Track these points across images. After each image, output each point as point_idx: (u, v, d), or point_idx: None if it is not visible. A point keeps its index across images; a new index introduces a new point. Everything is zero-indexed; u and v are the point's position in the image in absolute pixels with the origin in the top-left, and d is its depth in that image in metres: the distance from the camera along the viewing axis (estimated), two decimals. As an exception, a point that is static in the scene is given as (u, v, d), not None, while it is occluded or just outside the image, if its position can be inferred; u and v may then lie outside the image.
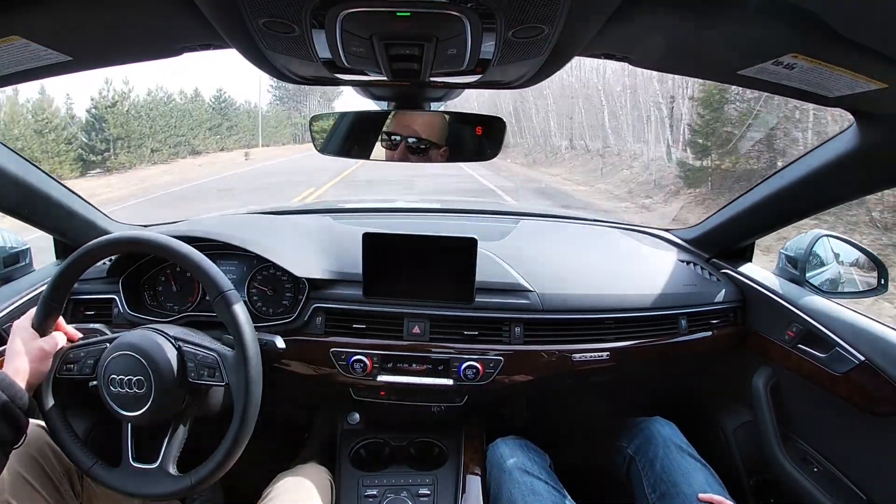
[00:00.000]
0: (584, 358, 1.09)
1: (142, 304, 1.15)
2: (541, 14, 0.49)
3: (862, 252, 1.13)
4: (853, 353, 0.96)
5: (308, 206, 1.59)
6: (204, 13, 0.52)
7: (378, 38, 0.54)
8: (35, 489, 0.81)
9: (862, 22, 0.52)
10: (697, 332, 1.17)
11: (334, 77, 0.69)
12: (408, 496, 1.04)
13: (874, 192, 1.04)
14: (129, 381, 0.83)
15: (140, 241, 0.90)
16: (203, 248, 0.94)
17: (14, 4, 0.51)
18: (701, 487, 0.93)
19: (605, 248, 1.35)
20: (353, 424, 1.22)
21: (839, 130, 0.88)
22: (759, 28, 0.56)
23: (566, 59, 0.64)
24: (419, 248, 1.05)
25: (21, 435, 0.75)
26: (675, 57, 0.70)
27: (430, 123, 0.89)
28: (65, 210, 1.14)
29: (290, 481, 0.95)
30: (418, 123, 0.88)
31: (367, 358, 1.07)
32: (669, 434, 1.06)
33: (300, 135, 34.29)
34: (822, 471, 1.05)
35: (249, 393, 0.82)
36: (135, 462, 0.86)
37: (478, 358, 1.07)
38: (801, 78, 0.65)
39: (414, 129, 0.88)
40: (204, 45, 0.68)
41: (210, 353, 0.86)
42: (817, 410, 1.10)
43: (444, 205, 1.62)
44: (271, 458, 1.13)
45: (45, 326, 0.86)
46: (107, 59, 0.73)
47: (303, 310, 1.09)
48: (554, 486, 0.97)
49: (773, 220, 1.16)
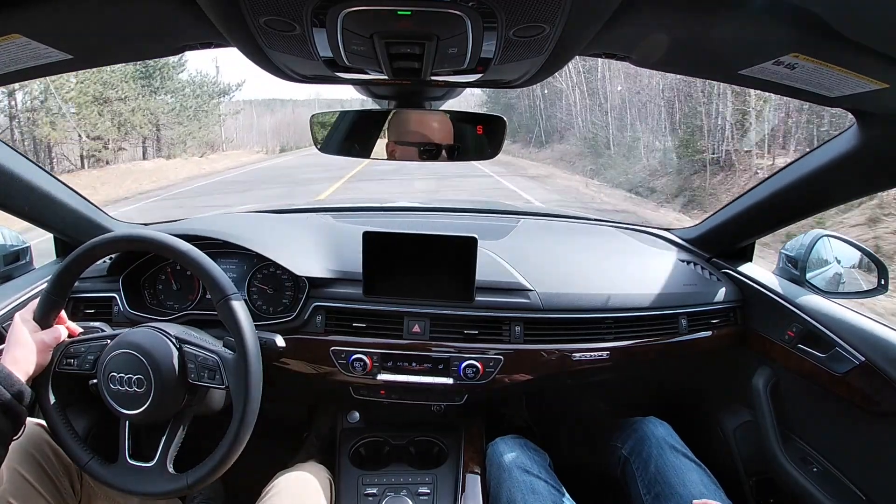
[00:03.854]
0: (584, 357, 1.09)
1: (142, 302, 1.15)
2: (542, 13, 0.49)
3: (862, 252, 1.12)
4: (853, 354, 0.96)
5: (308, 205, 1.59)
6: (205, 11, 0.52)
7: (379, 36, 0.54)
8: (34, 487, 0.81)
9: (862, 22, 0.52)
10: (697, 332, 1.17)
11: (335, 76, 0.69)
12: (407, 495, 1.04)
13: (874, 192, 1.04)
14: (128, 380, 0.83)
15: (143, 240, 0.90)
16: (203, 246, 0.94)
17: (15, 2, 0.51)
18: (696, 488, 0.93)
19: (605, 247, 1.35)
20: (352, 423, 1.22)
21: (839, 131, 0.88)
22: (761, 28, 0.56)
23: (567, 58, 0.64)
24: (419, 247, 1.05)
25: (20, 426, 0.75)
26: (676, 56, 0.70)
27: (434, 125, 0.88)
28: (66, 208, 1.14)
29: (290, 480, 0.95)
30: (423, 126, 0.88)
31: (367, 357, 1.07)
32: (663, 434, 1.06)
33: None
34: (821, 471, 1.05)
35: (249, 396, 0.83)
36: (131, 460, 0.86)
37: (478, 357, 1.07)
38: (801, 78, 0.65)
39: (420, 131, 0.88)
40: (205, 43, 0.68)
41: (211, 355, 0.86)
42: (817, 410, 1.10)
43: (445, 204, 1.62)
44: (271, 456, 1.13)
45: (47, 320, 0.86)
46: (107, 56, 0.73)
47: (303, 308, 1.09)
48: (553, 486, 0.97)
49: (773, 220, 1.16)
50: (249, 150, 24.75)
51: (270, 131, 28.93)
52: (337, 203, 1.59)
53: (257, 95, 49.85)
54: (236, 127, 25.44)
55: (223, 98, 21.37)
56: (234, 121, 24.33)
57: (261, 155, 23.98)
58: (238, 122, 25.37)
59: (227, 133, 24.20)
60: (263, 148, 26.04)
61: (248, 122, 28.04)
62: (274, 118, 30.06)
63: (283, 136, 28.41)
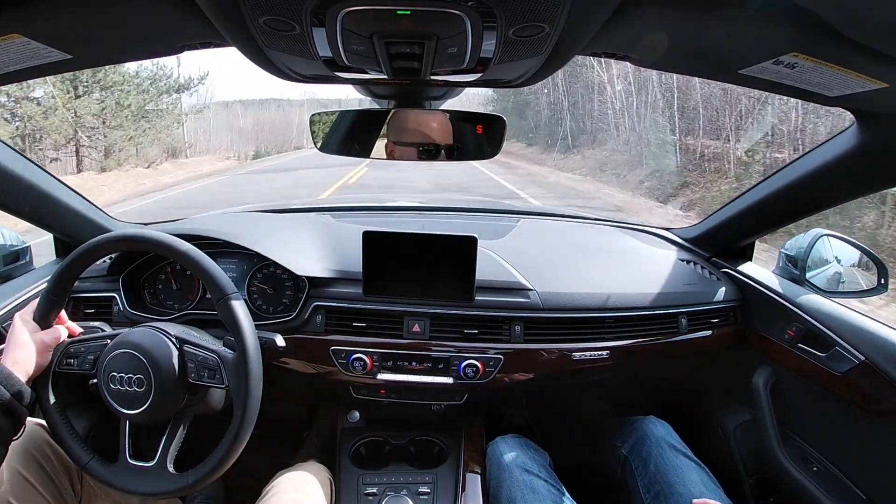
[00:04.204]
0: (584, 357, 1.09)
1: (142, 302, 1.15)
2: (541, 12, 0.49)
3: (862, 252, 1.12)
4: (853, 353, 0.96)
5: (308, 205, 1.59)
6: (204, 11, 0.52)
7: (378, 36, 0.54)
8: (34, 488, 0.81)
9: (862, 21, 0.52)
10: (697, 332, 1.17)
11: (334, 75, 0.69)
12: (408, 494, 1.04)
13: (874, 191, 1.04)
14: (129, 380, 0.83)
15: (142, 240, 0.90)
16: (203, 246, 0.94)
17: (14, 2, 0.51)
18: (696, 487, 0.93)
19: (605, 246, 1.35)
20: (352, 423, 1.22)
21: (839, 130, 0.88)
22: (760, 27, 0.56)
23: (567, 57, 0.64)
24: (419, 247, 1.05)
25: (20, 426, 0.75)
26: (676, 56, 0.70)
27: (434, 125, 0.88)
28: (66, 208, 1.15)
29: (290, 479, 0.95)
30: (422, 125, 0.88)
31: (367, 356, 1.07)
32: (663, 434, 1.06)
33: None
34: (821, 470, 1.06)
35: (249, 396, 0.83)
36: (132, 459, 0.86)
37: (478, 356, 1.07)
38: (801, 77, 0.65)
39: (419, 131, 0.88)
40: (204, 43, 0.68)
41: (211, 355, 0.86)
42: (817, 410, 1.10)
43: (445, 203, 1.62)
44: (271, 456, 1.13)
45: (47, 320, 0.86)
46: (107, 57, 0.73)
47: (303, 308, 1.09)
48: (553, 485, 0.97)
49: (774, 220, 1.16)
50: (218, 157, 20.49)
51: (243, 134, 24.42)
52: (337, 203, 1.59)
53: (239, 95, 42.17)
54: (204, 129, 21.63)
55: (181, 94, 17.20)
56: (197, 122, 20.43)
57: (231, 162, 19.79)
58: (206, 123, 21.53)
59: (202, 136, 20.90)
60: (235, 153, 21.71)
61: (226, 122, 23.95)
62: (252, 119, 25.94)
63: (261, 139, 24.58)
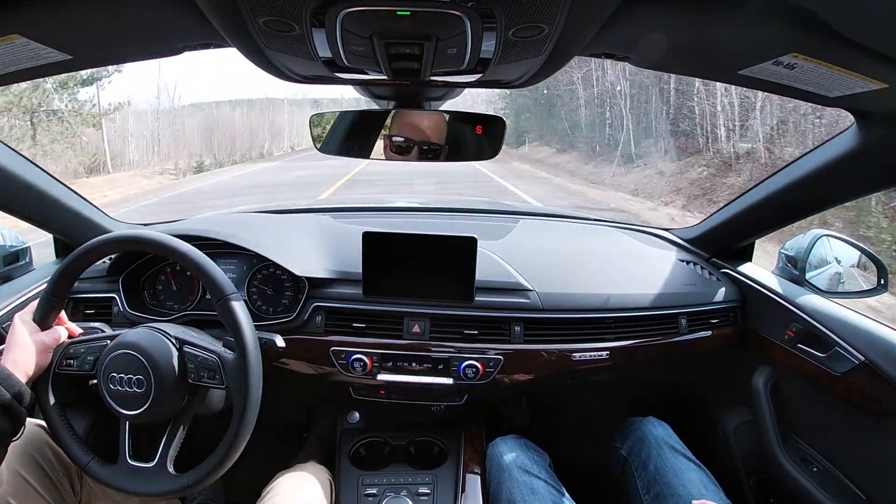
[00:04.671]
0: (584, 357, 1.09)
1: (142, 303, 1.15)
2: (541, 13, 0.49)
3: (862, 252, 1.12)
4: (853, 353, 0.96)
5: (308, 205, 1.59)
6: (204, 12, 0.52)
7: (378, 37, 0.54)
8: (34, 489, 0.81)
9: (862, 22, 0.52)
10: (697, 332, 1.17)
11: (334, 76, 0.69)
12: (407, 495, 1.04)
13: (874, 192, 1.04)
14: (128, 380, 0.83)
15: (142, 240, 0.90)
16: (203, 246, 0.94)
17: (14, 3, 0.51)
18: (695, 488, 0.93)
19: (605, 247, 1.35)
20: (352, 423, 1.22)
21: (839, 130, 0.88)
22: (760, 28, 0.56)
23: (566, 58, 0.64)
24: (419, 247, 1.05)
25: (20, 427, 0.75)
26: (675, 57, 0.70)
27: (435, 126, 0.88)
28: (66, 209, 1.15)
29: (290, 480, 0.95)
30: (423, 126, 0.88)
31: (367, 357, 1.07)
32: (662, 435, 1.06)
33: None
34: (821, 470, 1.05)
35: (249, 397, 0.83)
36: (132, 460, 0.86)
37: (478, 357, 1.07)
38: (801, 78, 0.65)
39: (421, 131, 0.88)
40: (204, 43, 0.68)
41: (211, 356, 0.86)
42: (817, 410, 1.10)
43: (445, 204, 1.62)
44: (271, 456, 1.13)
45: (47, 321, 0.86)
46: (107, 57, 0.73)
47: (303, 309, 1.09)
48: (553, 486, 0.97)
49: (774, 220, 1.16)
50: (150, 171, 16.51)
51: (204, 138, 20.86)
52: (336, 203, 1.59)
53: (191, 99, 35.09)
54: (135, 135, 17.62)
55: (84, 88, 13.11)
56: (118, 126, 16.32)
57: (165, 178, 15.87)
58: (133, 128, 17.63)
59: (143, 144, 16.93)
60: (174, 165, 17.77)
61: (181, 126, 20.30)
62: (207, 120, 22.04)
63: (217, 145, 20.91)
